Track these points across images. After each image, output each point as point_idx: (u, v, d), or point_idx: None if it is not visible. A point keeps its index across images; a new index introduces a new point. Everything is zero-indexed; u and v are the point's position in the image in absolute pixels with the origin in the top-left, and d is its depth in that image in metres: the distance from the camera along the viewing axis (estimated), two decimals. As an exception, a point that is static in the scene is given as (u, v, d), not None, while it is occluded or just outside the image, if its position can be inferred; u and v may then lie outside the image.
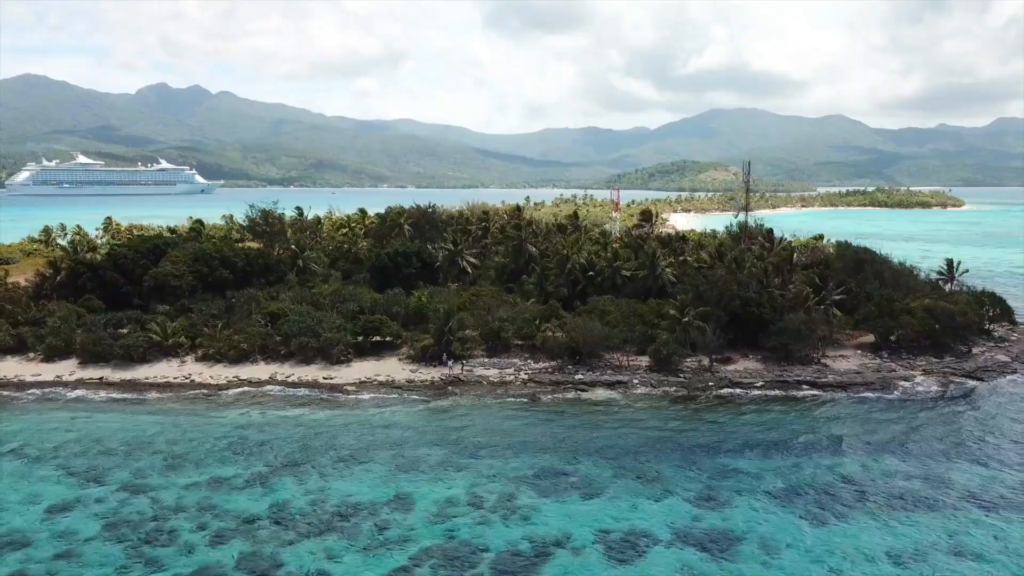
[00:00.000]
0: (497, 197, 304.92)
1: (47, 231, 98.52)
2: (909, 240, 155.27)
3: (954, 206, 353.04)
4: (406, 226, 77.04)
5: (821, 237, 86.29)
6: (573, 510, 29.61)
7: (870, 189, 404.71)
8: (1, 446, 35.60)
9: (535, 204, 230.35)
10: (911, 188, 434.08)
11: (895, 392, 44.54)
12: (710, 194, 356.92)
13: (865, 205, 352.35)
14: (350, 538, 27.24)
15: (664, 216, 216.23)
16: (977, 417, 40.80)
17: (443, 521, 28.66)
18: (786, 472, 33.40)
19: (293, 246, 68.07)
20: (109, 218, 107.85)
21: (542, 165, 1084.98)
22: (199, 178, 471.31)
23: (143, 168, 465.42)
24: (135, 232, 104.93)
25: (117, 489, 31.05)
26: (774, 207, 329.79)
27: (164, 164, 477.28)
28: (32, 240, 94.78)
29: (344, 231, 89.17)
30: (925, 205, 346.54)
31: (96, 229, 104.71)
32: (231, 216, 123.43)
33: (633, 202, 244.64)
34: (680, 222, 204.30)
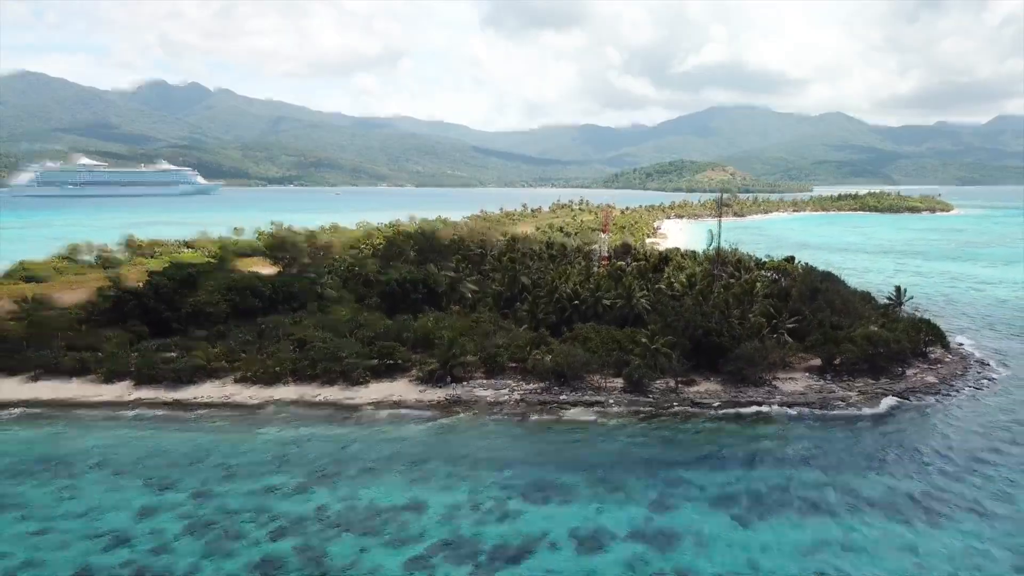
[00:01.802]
0: (495, 199, 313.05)
1: (74, 249, 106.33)
2: (887, 252, 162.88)
3: (943, 211, 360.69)
4: (411, 252, 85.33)
5: (792, 259, 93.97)
6: (552, 513, 37.60)
7: (862, 193, 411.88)
8: (87, 459, 43.52)
9: (532, 211, 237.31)
10: (901, 192, 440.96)
11: (832, 411, 52.43)
12: (703, 199, 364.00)
13: (856, 209, 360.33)
14: (377, 534, 35.20)
15: (656, 224, 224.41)
16: (895, 433, 48.65)
17: (449, 521, 36.65)
18: (726, 482, 41.31)
19: (312, 274, 76.09)
20: (131, 237, 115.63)
21: (540, 163, 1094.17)
22: (200, 179, 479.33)
23: (145, 169, 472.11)
24: (156, 249, 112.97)
25: (189, 496, 38.97)
26: (766, 212, 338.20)
27: (166, 165, 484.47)
28: (61, 258, 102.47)
29: (354, 252, 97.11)
30: (914, 210, 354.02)
31: (118, 244, 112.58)
32: (242, 229, 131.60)
33: (627, 209, 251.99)
34: (672, 230, 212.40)
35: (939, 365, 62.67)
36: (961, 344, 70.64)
